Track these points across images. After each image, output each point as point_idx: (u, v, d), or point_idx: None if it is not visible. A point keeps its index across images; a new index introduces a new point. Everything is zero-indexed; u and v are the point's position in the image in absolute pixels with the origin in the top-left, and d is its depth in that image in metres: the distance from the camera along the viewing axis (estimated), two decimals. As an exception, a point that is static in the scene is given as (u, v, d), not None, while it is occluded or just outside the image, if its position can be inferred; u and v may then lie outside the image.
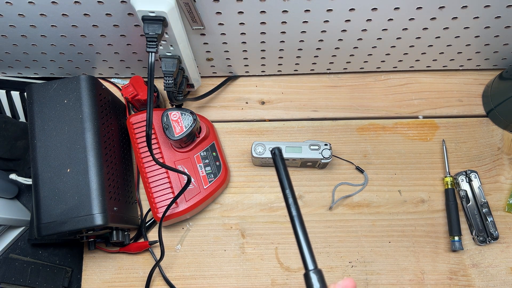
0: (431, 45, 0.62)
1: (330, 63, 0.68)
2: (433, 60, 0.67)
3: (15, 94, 0.68)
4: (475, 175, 0.65)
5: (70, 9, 0.51)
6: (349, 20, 0.55)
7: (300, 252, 0.29)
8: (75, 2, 0.50)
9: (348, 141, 0.69)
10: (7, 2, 0.50)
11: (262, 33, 0.57)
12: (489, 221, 0.63)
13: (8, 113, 0.70)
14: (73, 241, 0.71)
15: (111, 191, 0.56)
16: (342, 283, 0.30)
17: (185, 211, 0.61)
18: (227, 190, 0.67)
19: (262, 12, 0.52)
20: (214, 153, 0.64)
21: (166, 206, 0.58)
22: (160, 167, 0.61)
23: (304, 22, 0.55)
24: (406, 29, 0.58)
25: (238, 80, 0.72)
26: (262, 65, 0.68)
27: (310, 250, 0.29)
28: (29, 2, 0.50)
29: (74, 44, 0.60)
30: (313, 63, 0.68)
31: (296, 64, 0.68)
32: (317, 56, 0.65)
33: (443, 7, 0.53)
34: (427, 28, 0.58)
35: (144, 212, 0.65)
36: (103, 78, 0.72)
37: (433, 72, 0.72)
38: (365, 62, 0.68)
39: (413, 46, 0.62)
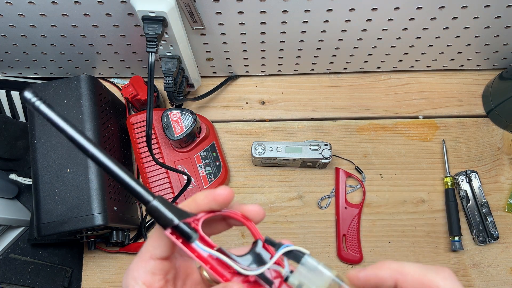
0: (431, 45, 0.62)
1: (330, 63, 0.68)
2: (433, 60, 0.67)
3: (15, 94, 0.68)
4: (475, 175, 0.65)
5: (70, 9, 0.51)
6: (349, 20, 0.55)
7: (131, 191, 0.25)
8: (75, 2, 0.50)
9: (348, 141, 0.69)
10: (7, 2, 0.50)
11: (262, 33, 0.57)
12: (489, 221, 0.63)
13: (8, 113, 0.70)
14: (73, 241, 0.71)
15: (111, 191, 0.56)
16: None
17: (185, 211, 0.60)
18: (227, 190, 0.67)
19: (262, 12, 0.52)
20: (214, 153, 0.64)
21: (166, 206, 0.58)
22: (160, 167, 0.61)
23: (304, 22, 0.55)
24: (406, 29, 0.58)
25: (238, 80, 0.72)
26: (262, 65, 0.68)
27: (139, 183, 0.25)
28: (29, 2, 0.50)
29: (74, 44, 0.60)
30: (313, 63, 0.68)
31: (296, 64, 0.68)
32: (317, 56, 0.65)
33: (443, 7, 0.53)
34: (427, 28, 0.58)
35: (144, 212, 0.65)
36: (103, 78, 0.72)
37: (433, 72, 0.72)
38: (365, 62, 0.68)
39: (413, 46, 0.62)
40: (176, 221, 0.25)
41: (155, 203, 0.25)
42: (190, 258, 0.27)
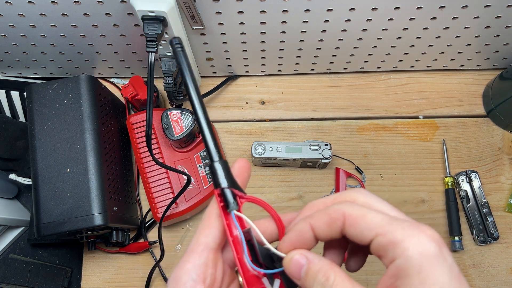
0: (432, 45, 0.62)
1: (330, 63, 0.68)
2: (433, 60, 0.67)
3: (15, 94, 0.68)
4: (476, 175, 0.65)
5: (69, 9, 0.51)
6: (349, 20, 0.55)
7: (206, 146, 0.29)
8: (75, 2, 0.50)
9: (348, 141, 0.69)
10: (7, 2, 0.50)
11: (262, 33, 0.57)
12: (489, 221, 0.63)
13: (7, 113, 0.70)
14: (73, 241, 0.71)
15: (111, 191, 0.56)
16: (236, 164, 0.30)
17: (185, 211, 0.60)
18: (227, 190, 0.67)
19: (262, 12, 0.52)
20: (214, 153, 0.63)
21: (166, 206, 0.58)
22: (160, 167, 0.61)
23: (304, 22, 0.55)
24: (406, 29, 0.58)
25: (238, 80, 0.72)
26: (262, 65, 0.68)
27: (216, 144, 0.29)
28: (28, 2, 0.50)
29: (74, 44, 0.60)
30: (313, 63, 0.68)
31: (296, 64, 0.68)
32: (317, 56, 0.65)
33: (443, 7, 0.53)
34: (427, 28, 0.58)
35: (144, 212, 0.65)
36: (103, 78, 0.71)
37: (434, 72, 0.72)
38: (365, 62, 0.68)
39: (413, 46, 0.62)
40: (224, 184, 0.28)
41: (217, 165, 0.28)
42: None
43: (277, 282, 0.27)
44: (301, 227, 0.27)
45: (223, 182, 0.28)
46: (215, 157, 0.28)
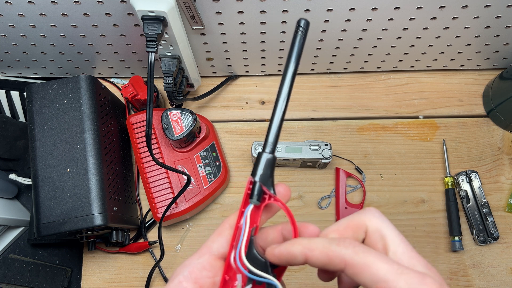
0: (432, 45, 0.62)
1: (330, 63, 0.68)
2: (433, 60, 0.67)
3: (15, 94, 0.68)
4: (476, 175, 0.65)
5: (69, 9, 0.51)
6: (349, 20, 0.55)
7: (267, 134, 0.29)
8: (75, 1, 0.50)
9: (348, 141, 0.69)
10: (6, 2, 0.50)
11: (262, 33, 0.57)
12: (489, 221, 0.63)
13: (7, 113, 0.70)
14: (73, 241, 0.71)
15: (111, 191, 0.56)
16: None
17: (185, 211, 0.60)
18: (227, 190, 0.67)
19: (262, 12, 0.52)
20: (214, 153, 0.63)
21: (166, 206, 0.58)
22: (160, 167, 0.61)
23: (304, 22, 0.55)
24: (406, 29, 0.58)
25: (238, 80, 0.72)
26: (262, 65, 0.68)
27: (277, 137, 0.29)
28: (28, 1, 0.50)
29: (74, 44, 0.60)
30: (313, 63, 0.68)
31: (296, 64, 0.68)
32: (317, 56, 0.65)
33: (443, 7, 0.53)
34: (427, 28, 0.58)
35: (144, 212, 0.65)
36: (103, 78, 0.71)
37: (434, 72, 0.72)
38: (365, 62, 0.68)
39: (413, 46, 0.62)
40: (257, 178, 0.28)
41: (265, 156, 0.29)
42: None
43: (248, 286, 0.28)
44: (294, 251, 0.26)
45: (260, 176, 0.28)
46: (268, 148, 0.29)
